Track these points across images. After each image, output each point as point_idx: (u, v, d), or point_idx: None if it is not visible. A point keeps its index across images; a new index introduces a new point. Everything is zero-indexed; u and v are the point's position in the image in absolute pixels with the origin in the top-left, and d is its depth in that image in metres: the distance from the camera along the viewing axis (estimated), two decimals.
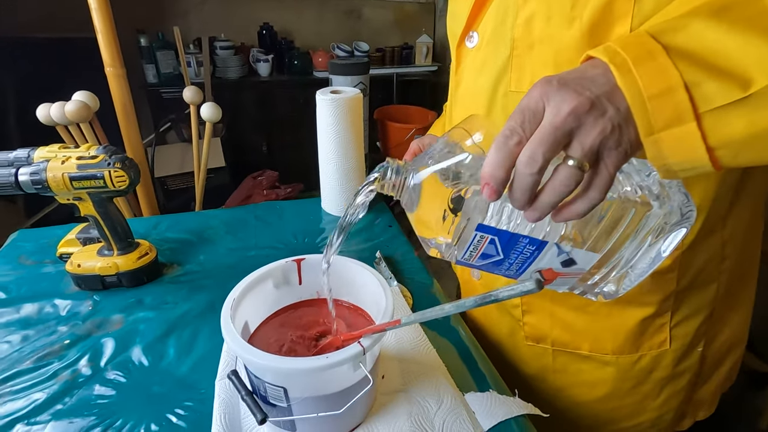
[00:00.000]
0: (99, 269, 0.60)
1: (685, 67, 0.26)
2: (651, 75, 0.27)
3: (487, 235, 0.33)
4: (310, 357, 0.34)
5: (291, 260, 0.47)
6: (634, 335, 0.51)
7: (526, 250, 0.34)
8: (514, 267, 0.36)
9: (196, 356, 0.51)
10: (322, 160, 0.82)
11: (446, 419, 0.43)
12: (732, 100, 0.26)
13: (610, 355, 0.52)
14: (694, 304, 0.50)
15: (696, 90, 0.26)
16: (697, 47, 0.27)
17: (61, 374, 0.48)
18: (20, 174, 0.55)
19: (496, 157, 0.27)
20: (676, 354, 0.52)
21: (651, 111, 0.27)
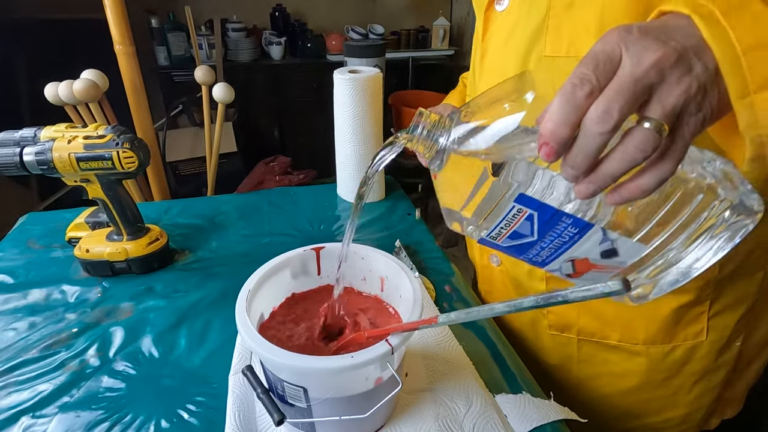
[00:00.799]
0: (108, 255, 0.58)
1: None
2: (746, 25, 0.22)
3: (526, 209, 0.28)
4: (333, 356, 0.31)
5: (310, 248, 0.44)
6: (668, 324, 0.47)
7: (566, 232, 0.29)
8: (545, 252, 0.31)
9: (208, 348, 0.48)
10: (339, 144, 0.78)
11: (477, 422, 0.39)
12: None
13: (641, 345, 0.49)
14: (736, 294, 0.46)
15: None
16: None
17: (68, 364, 0.46)
18: (25, 154, 0.52)
19: (562, 110, 0.22)
20: (713, 347, 0.48)
21: (747, 67, 0.22)
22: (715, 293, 0.45)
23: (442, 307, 0.55)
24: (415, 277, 0.40)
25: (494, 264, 0.57)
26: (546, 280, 0.51)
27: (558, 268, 0.32)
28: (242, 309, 0.35)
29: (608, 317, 0.49)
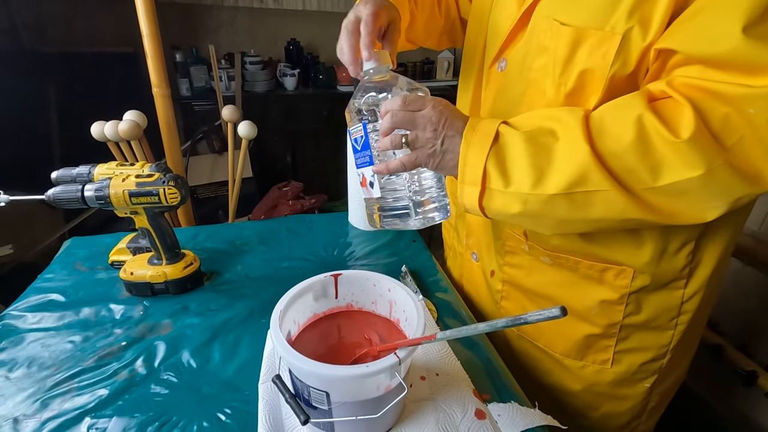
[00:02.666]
0: (149, 277, 0.66)
1: (491, 160, 0.44)
2: (475, 154, 0.45)
3: (362, 131, 0.51)
4: (352, 365, 0.38)
5: (329, 275, 0.51)
6: (580, 345, 0.58)
7: (364, 156, 0.52)
8: (357, 161, 0.53)
9: (239, 360, 0.56)
10: (351, 177, 0.87)
11: (471, 426, 0.46)
12: (498, 188, 0.45)
13: (559, 355, 0.61)
14: (642, 342, 0.56)
15: (488, 174, 0.45)
16: (508, 152, 0.44)
17: (120, 373, 0.53)
18: (86, 190, 0.61)
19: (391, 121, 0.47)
20: (618, 377, 0.58)
21: (466, 171, 0.46)
22: (621, 334, 0.56)
23: (444, 325, 0.62)
24: (419, 301, 0.47)
25: (474, 260, 0.69)
26: (502, 282, 0.63)
27: (358, 174, 0.54)
28: (276, 326, 0.43)
29: (539, 324, 0.59)
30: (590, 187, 0.41)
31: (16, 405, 0.49)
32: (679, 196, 0.39)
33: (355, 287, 0.53)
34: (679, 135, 0.37)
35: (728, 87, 0.36)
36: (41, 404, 0.49)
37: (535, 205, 0.43)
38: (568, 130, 0.42)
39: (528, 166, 0.43)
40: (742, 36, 0.33)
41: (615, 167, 0.40)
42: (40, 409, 0.48)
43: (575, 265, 0.54)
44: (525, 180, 0.43)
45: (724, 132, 0.36)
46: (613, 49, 0.41)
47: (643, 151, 0.38)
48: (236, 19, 2.23)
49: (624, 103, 0.41)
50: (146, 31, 0.87)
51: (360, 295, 0.53)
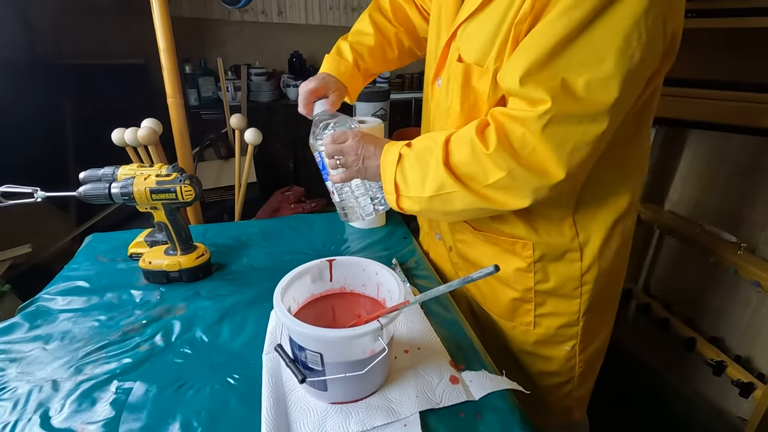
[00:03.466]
0: (166, 266, 0.74)
1: (398, 175, 0.60)
2: (389, 170, 0.61)
3: (318, 157, 0.71)
4: (342, 329, 0.46)
5: (325, 260, 0.59)
6: (509, 308, 0.72)
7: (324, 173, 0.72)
8: (324, 175, 0.72)
9: (245, 336, 0.63)
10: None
11: (445, 389, 0.54)
12: (404, 194, 0.61)
13: (496, 316, 0.75)
14: (556, 308, 0.69)
15: (398, 184, 0.60)
16: (406, 168, 0.60)
17: (142, 345, 0.61)
18: (113, 188, 0.69)
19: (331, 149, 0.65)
20: (541, 338, 0.72)
21: (386, 182, 0.62)
22: (537, 299, 0.69)
23: (428, 309, 0.69)
24: (402, 282, 0.55)
25: (437, 239, 0.83)
26: (457, 256, 0.77)
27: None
28: (278, 299, 0.51)
29: (483, 290, 0.76)
30: (448, 189, 0.57)
31: (54, 370, 0.56)
32: (502, 190, 0.55)
33: (348, 271, 0.60)
34: (488, 148, 0.53)
35: (521, 113, 0.52)
36: (75, 369, 0.57)
37: (424, 204, 0.59)
38: (437, 150, 0.58)
39: (417, 177, 0.59)
40: (518, 82, 0.50)
41: (462, 174, 0.56)
42: (74, 374, 0.56)
43: (495, 240, 0.69)
44: (416, 187, 0.59)
45: (521, 145, 0.52)
46: (488, 80, 0.57)
47: (476, 161, 0.55)
48: (242, 33, 2.34)
49: (465, 130, 0.57)
50: (163, 46, 0.96)
51: (351, 278, 0.61)
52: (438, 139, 0.58)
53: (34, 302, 0.70)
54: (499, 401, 0.53)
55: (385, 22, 0.84)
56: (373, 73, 0.87)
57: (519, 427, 0.49)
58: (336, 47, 0.83)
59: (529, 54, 0.50)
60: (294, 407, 0.52)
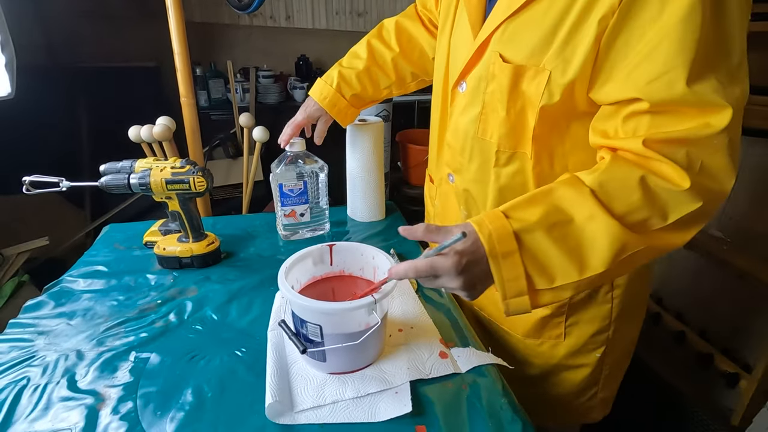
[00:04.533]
0: (179, 252, 0.79)
1: (528, 264, 0.46)
2: (509, 267, 0.46)
3: (303, 185, 0.89)
4: (339, 302, 0.51)
5: (326, 245, 0.64)
6: (537, 326, 0.69)
7: (301, 198, 0.90)
8: (289, 201, 0.89)
9: (252, 316, 0.68)
10: (349, 177, 1.00)
11: (434, 363, 0.58)
12: (544, 287, 0.47)
13: (520, 336, 0.71)
14: (587, 315, 0.67)
15: (531, 278, 0.46)
16: (536, 251, 0.46)
17: (157, 322, 0.66)
18: (131, 179, 0.74)
19: None
20: (571, 348, 0.69)
21: (507, 288, 0.47)
22: (569, 311, 0.67)
23: (423, 295, 0.74)
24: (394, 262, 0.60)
25: (450, 181, 0.74)
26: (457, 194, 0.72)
27: (284, 210, 0.89)
28: (282, 277, 0.56)
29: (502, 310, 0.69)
30: (630, 250, 0.45)
31: (78, 342, 0.62)
32: (684, 225, 0.47)
33: (347, 256, 0.65)
34: (680, 186, 0.44)
35: (685, 131, 0.44)
36: (97, 342, 0.62)
37: (588, 285, 0.47)
38: (580, 207, 0.46)
39: (565, 257, 0.45)
40: (686, 86, 0.42)
41: (633, 222, 0.45)
42: (96, 345, 0.61)
43: None
44: (569, 271, 0.46)
45: (691, 165, 0.44)
46: (543, 82, 0.52)
47: (651, 203, 0.45)
48: (251, 37, 2.41)
49: (619, 168, 0.47)
50: (177, 50, 1.02)
51: (350, 262, 0.66)
52: (565, 195, 0.47)
53: (58, 283, 0.75)
54: (484, 374, 0.57)
55: (381, 46, 0.85)
56: (366, 98, 0.88)
57: (501, 396, 0.54)
58: (328, 72, 0.87)
59: (680, 55, 0.42)
60: (296, 377, 0.56)
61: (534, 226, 0.46)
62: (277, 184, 0.87)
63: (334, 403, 0.52)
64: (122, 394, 0.53)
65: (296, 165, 0.88)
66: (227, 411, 0.51)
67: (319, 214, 0.94)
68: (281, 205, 0.89)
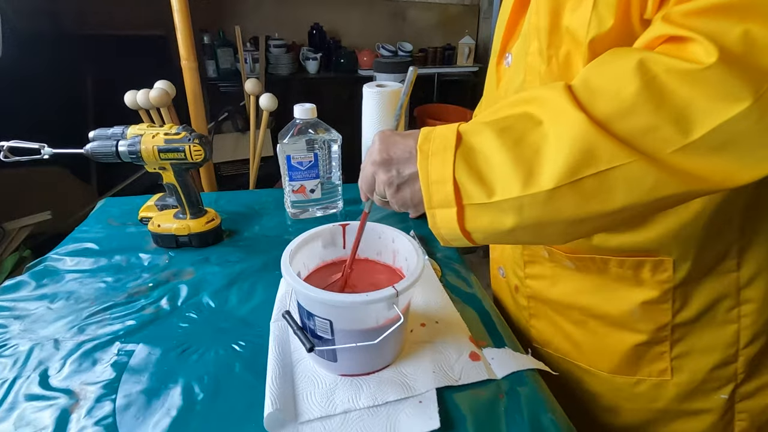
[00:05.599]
0: (175, 230, 0.71)
1: (459, 167, 0.36)
2: (438, 166, 0.37)
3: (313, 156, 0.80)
4: (353, 294, 0.42)
5: (338, 225, 0.55)
6: (631, 358, 0.50)
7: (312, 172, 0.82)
8: (299, 175, 0.81)
9: (253, 303, 0.60)
10: (365, 150, 0.90)
11: (464, 366, 0.49)
12: (480, 201, 0.36)
13: (606, 374, 0.53)
14: (702, 342, 0.48)
15: (462, 186, 0.37)
16: (478, 153, 0.36)
17: (147, 308, 0.59)
18: (120, 146, 0.66)
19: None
20: (683, 388, 0.50)
21: (432, 192, 0.38)
22: (675, 335, 0.48)
23: (447, 283, 0.65)
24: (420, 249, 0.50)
25: (501, 275, 0.64)
26: (527, 298, 0.58)
27: (293, 185, 0.81)
28: (287, 262, 0.47)
29: (578, 341, 0.53)
30: (602, 165, 0.31)
31: (57, 329, 0.55)
32: (727, 147, 0.30)
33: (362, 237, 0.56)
34: (701, 62, 0.29)
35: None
36: (78, 329, 0.54)
37: (533, 210, 0.34)
38: (549, 107, 0.34)
39: (510, 163, 0.34)
40: None
41: (625, 131, 0.31)
42: (77, 333, 0.54)
43: (603, 266, 0.47)
44: (511, 181, 0.34)
45: (753, 52, 0.28)
46: (589, 6, 0.37)
47: (657, 99, 0.30)
48: (262, 4, 2.28)
49: (613, 56, 0.34)
50: (176, 6, 0.92)
51: (366, 245, 0.56)
52: (536, 95, 0.37)
53: (42, 262, 0.68)
54: (524, 382, 0.48)
55: None
56: None
57: (546, 411, 0.45)
58: None
59: None
60: (301, 377, 0.48)
61: (482, 127, 0.37)
62: (285, 155, 0.78)
63: (345, 413, 0.44)
64: (100, 393, 0.46)
65: (306, 134, 0.78)
66: (220, 417, 0.44)
67: (331, 190, 0.84)
68: (289, 180, 0.80)
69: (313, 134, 0.79)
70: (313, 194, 0.82)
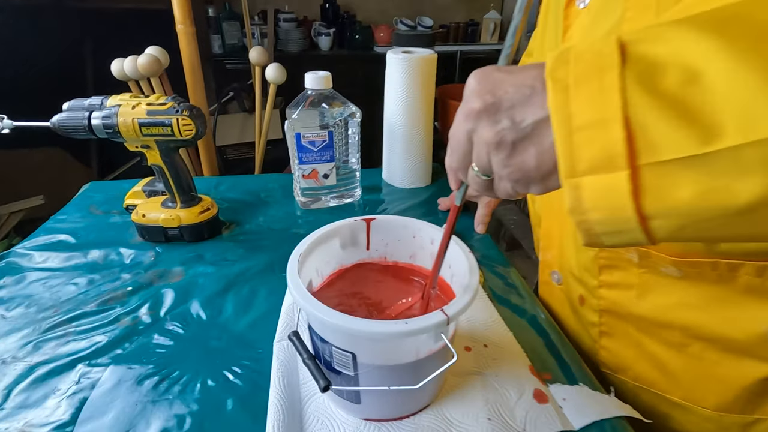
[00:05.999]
0: (162, 221, 0.59)
1: (636, 96, 0.20)
2: (588, 99, 0.21)
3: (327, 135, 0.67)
4: (387, 321, 0.30)
5: (360, 219, 0.43)
6: (750, 393, 0.38)
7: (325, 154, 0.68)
8: (310, 157, 0.68)
9: (254, 315, 0.48)
10: (387, 128, 0.77)
11: (529, 411, 0.37)
12: (685, 154, 0.19)
13: (712, 411, 0.40)
14: None
15: (641, 131, 0.20)
16: (672, 68, 0.20)
17: (122, 319, 0.47)
18: (93, 118, 0.54)
19: None
20: None
21: (576, 146, 0.21)
22: None
23: (491, 291, 0.52)
24: (470, 253, 0.38)
25: (555, 282, 0.51)
26: (599, 312, 0.45)
27: (303, 169, 0.68)
28: (294, 270, 0.35)
29: (671, 370, 0.41)
30: None
31: (7, 346, 0.44)
32: None
33: (391, 236, 0.44)
34: None
35: None
36: (33, 347, 0.43)
37: (707, 174, 0.20)
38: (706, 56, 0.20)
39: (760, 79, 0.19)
40: None
41: None
42: (31, 352, 0.43)
43: (730, 274, 0.35)
44: (687, 137, 0.19)
45: None
46: None
47: None
48: None
49: None
50: None
51: (396, 246, 0.44)
52: None
53: (4, 257, 0.57)
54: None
55: None
56: None
57: None
58: None
59: None
60: (313, 420, 0.37)
61: (669, 28, 0.21)
62: (294, 133, 0.65)
63: None
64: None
65: (319, 109, 0.65)
66: None
67: (348, 176, 0.72)
68: (299, 163, 0.67)
69: (328, 109, 0.66)
70: (326, 180, 0.69)
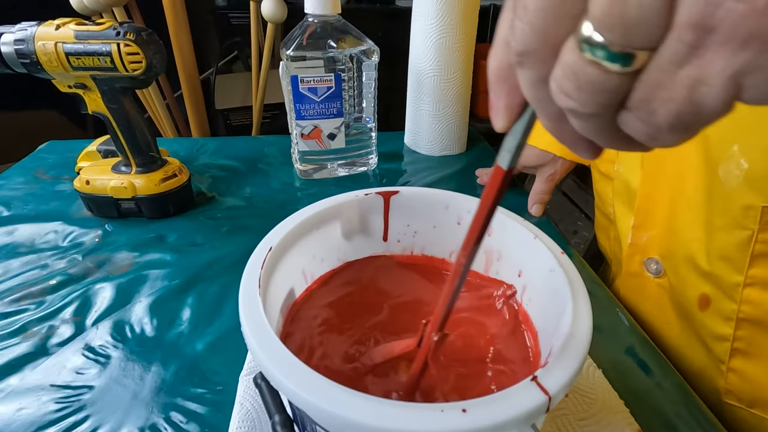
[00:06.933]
0: (111, 189, 0.45)
1: None
2: None
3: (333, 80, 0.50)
4: (421, 405, 0.14)
5: (375, 192, 0.27)
6: None
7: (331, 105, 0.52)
8: (311, 110, 0.51)
9: (218, 329, 0.34)
10: (413, 77, 0.60)
11: None
12: None
13: None
14: None
15: None
16: None
17: (30, 329, 0.33)
18: (2, 44, 0.39)
19: None
20: None
21: None
22: None
23: None
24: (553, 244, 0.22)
25: (651, 274, 0.37)
26: (736, 322, 0.30)
27: (301, 126, 0.52)
28: (253, 286, 0.19)
29: None
30: None
31: None
32: None
33: (420, 220, 0.28)
34: None
35: None
36: None
37: None
38: None
39: None
40: None
41: None
42: None
43: None
44: None
45: None
46: None
47: None
48: None
49: None
50: None
51: (429, 234, 0.28)
52: None
53: None
54: None
55: None
56: None
57: None
58: None
59: None
60: None
61: None
62: (290, 76, 0.49)
63: None
64: None
65: (324, 44, 0.49)
66: None
67: (360, 137, 0.56)
68: (297, 118, 0.51)
69: (335, 45, 0.49)
70: (333, 142, 0.53)
